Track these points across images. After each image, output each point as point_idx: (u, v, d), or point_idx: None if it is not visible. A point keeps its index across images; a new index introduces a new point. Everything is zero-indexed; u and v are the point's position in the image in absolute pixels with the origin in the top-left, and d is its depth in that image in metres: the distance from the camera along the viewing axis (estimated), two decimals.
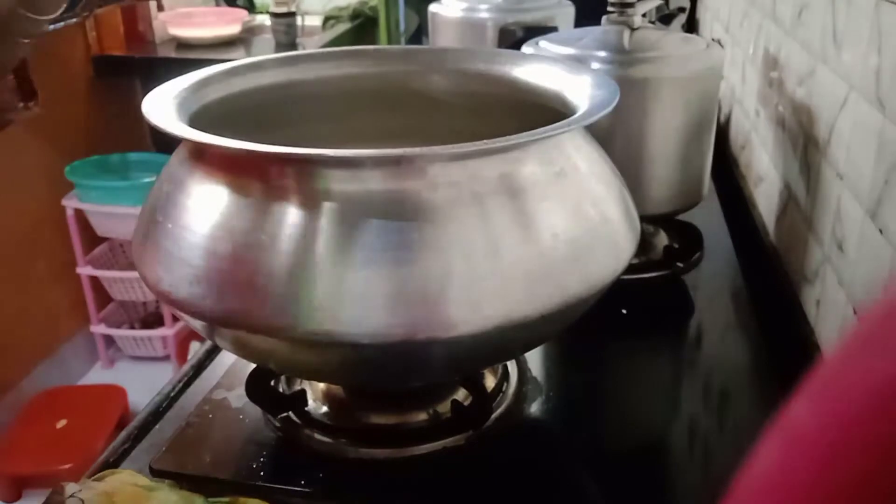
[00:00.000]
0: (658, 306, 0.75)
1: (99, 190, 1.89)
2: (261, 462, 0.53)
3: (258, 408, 0.56)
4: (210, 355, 0.66)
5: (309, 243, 0.42)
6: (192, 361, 0.65)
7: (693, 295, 0.77)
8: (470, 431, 0.54)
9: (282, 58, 0.63)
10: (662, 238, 0.81)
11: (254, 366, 0.56)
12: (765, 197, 0.86)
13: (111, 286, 2.01)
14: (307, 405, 0.56)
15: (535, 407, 0.58)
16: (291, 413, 0.56)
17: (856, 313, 0.55)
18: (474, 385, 0.54)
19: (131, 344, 2.06)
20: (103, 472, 0.50)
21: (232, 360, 0.63)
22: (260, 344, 0.46)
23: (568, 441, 0.57)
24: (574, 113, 0.50)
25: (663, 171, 0.73)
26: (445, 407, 0.55)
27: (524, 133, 0.44)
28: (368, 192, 0.43)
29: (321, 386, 0.58)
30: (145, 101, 0.49)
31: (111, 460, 0.55)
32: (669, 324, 0.74)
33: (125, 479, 0.49)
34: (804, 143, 0.70)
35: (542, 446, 0.55)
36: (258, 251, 0.43)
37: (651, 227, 0.81)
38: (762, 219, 0.86)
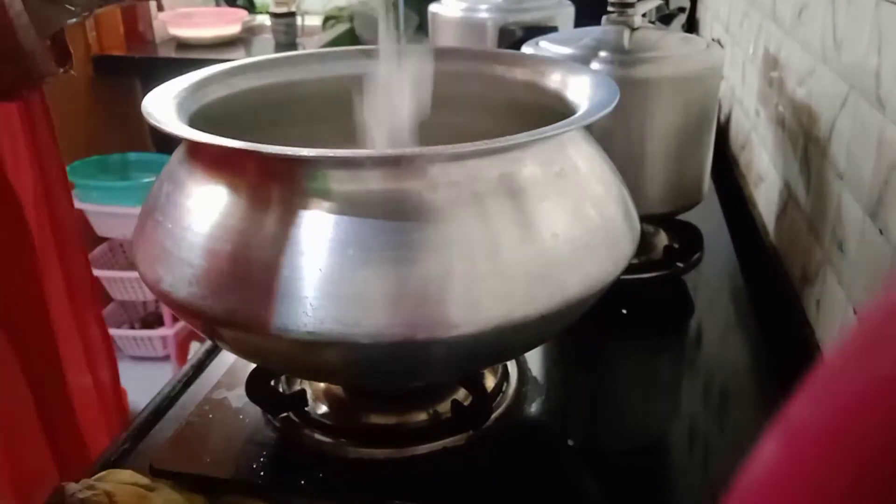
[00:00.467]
0: (658, 306, 0.75)
1: (99, 190, 1.89)
2: (261, 462, 0.53)
3: (258, 408, 0.56)
4: (210, 355, 0.66)
5: (309, 243, 0.42)
6: (192, 361, 0.65)
7: (693, 295, 0.77)
8: (470, 431, 0.54)
9: (282, 58, 0.63)
10: (662, 238, 0.81)
11: (254, 366, 0.56)
12: (765, 197, 0.86)
13: (111, 286, 2.01)
14: (307, 405, 0.56)
15: (535, 407, 0.58)
16: (291, 413, 0.56)
17: (856, 313, 0.55)
18: (474, 385, 0.54)
19: (131, 344, 2.06)
20: (103, 472, 0.50)
21: (232, 360, 0.63)
22: (260, 344, 0.46)
23: (568, 441, 0.57)
24: (574, 113, 0.50)
25: (663, 171, 0.73)
26: (445, 407, 0.55)
27: (524, 133, 0.44)
28: (368, 192, 0.43)
29: (321, 386, 0.58)
30: (145, 101, 0.49)
31: (111, 460, 0.55)
32: (669, 324, 0.74)
33: (125, 479, 0.49)
34: (804, 143, 0.70)
35: (542, 446, 0.55)
36: (258, 251, 0.43)
37: (651, 227, 0.80)
38: (762, 219, 0.86)
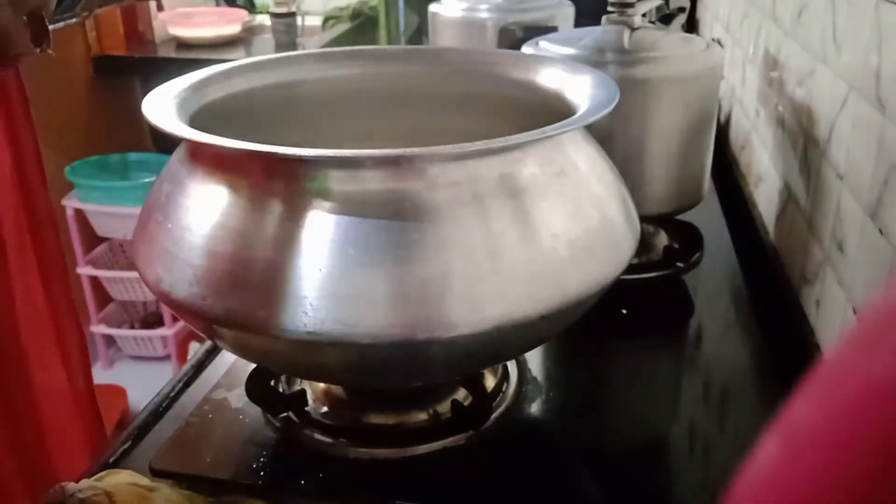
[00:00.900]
0: (658, 306, 0.75)
1: (99, 190, 1.89)
2: (261, 462, 0.53)
3: (258, 408, 0.56)
4: (210, 355, 0.66)
5: (309, 243, 0.42)
6: (192, 361, 0.65)
7: (693, 295, 0.77)
8: (470, 431, 0.54)
9: (282, 58, 0.63)
10: (662, 238, 0.81)
11: (254, 366, 0.56)
12: (765, 197, 0.86)
13: (111, 286, 2.01)
14: (307, 405, 0.56)
15: (535, 407, 0.58)
16: (291, 413, 0.56)
17: (856, 313, 0.55)
18: (474, 385, 0.54)
19: (131, 344, 2.06)
20: (103, 472, 0.50)
21: (232, 360, 0.63)
22: (260, 344, 0.46)
23: (568, 441, 0.57)
24: (574, 113, 0.50)
25: (663, 171, 0.73)
26: (445, 407, 0.55)
27: (524, 133, 0.44)
28: (368, 192, 0.43)
29: (321, 386, 0.58)
30: (145, 101, 0.49)
31: (111, 460, 0.55)
32: (669, 324, 0.74)
33: (125, 479, 0.49)
34: (804, 143, 0.70)
35: (542, 446, 0.55)
36: (258, 251, 0.43)
37: (651, 227, 0.81)
38: (762, 219, 0.86)
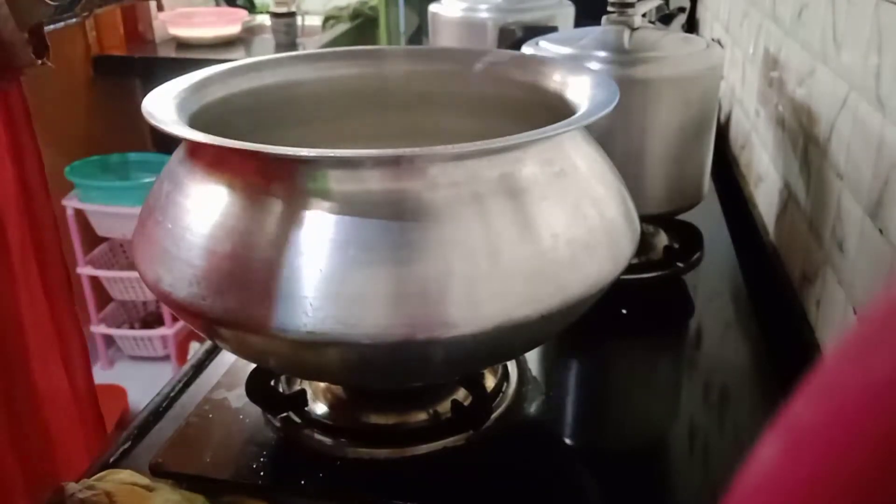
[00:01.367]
0: (658, 306, 0.75)
1: (99, 190, 1.89)
2: (261, 462, 0.53)
3: (258, 408, 0.56)
4: (210, 355, 0.66)
5: (309, 243, 0.42)
6: (192, 361, 0.65)
7: (693, 295, 0.77)
8: (470, 431, 0.54)
9: (282, 58, 0.63)
10: (662, 238, 0.81)
11: (254, 366, 0.56)
12: (765, 197, 0.86)
13: (111, 286, 2.01)
14: (307, 405, 0.56)
15: (535, 407, 0.58)
16: (291, 413, 0.56)
17: (856, 313, 0.55)
18: (474, 385, 0.54)
19: (131, 344, 2.06)
20: (103, 472, 0.50)
21: (232, 360, 0.63)
22: (260, 344, 0.46)
23: (568, 441, 0.57)
24: (574, 113, 0.50)
25: (663, 171, 0.73)
26: (445, 407, 0.55)
27: (524, 133, 0.44)
28: (368, 192, 0.43)
29: (321, 386, 0.58)
30: (145, 102, 0.49)
31: (111, 460, 0.55)
32: (669, 324, 0.74)
33: (125, 479, 0.49)
34: (804, 143, 0.70)
35: (542, 446, 0.55)
36: (258, 251, 0.43)
37: (651, 227, 0.81)
38: (762, 219, 0.86)
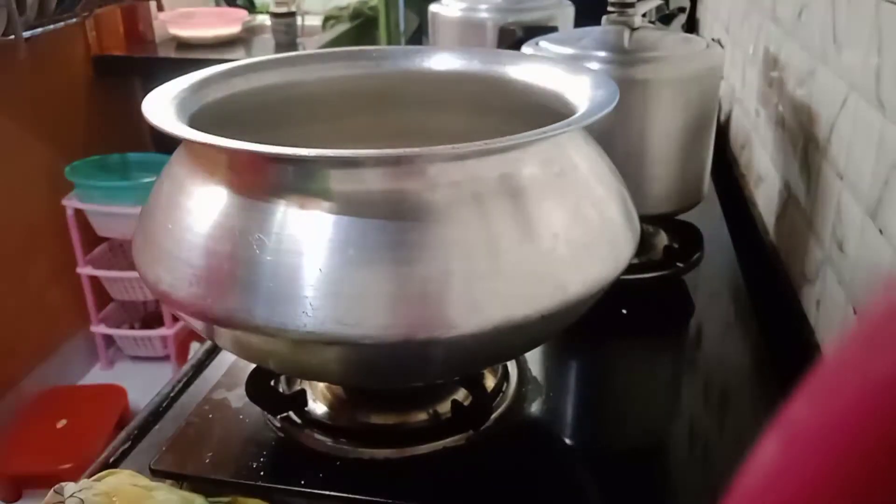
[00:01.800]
0: (658, 306, 0.75)
1: (99, 190, 1.89)
2: (261, 462, 0.53)
3: (258, 408, 0.56)
4: (210, 355, 0.66)
5: (309, 243, 0.42)
6: (192, 361, 0.65)
7: (693, 295, 0.77)
8: (470, 431, 0.54)
9: (281, 58, 0.63)
10: (662, 238, 0.81)
11: (254, 366, 0.56)
12: (765, 197, 0.86)
13: (111, 286, 2.01)
14: (307, 405, 0.56)
15: (535, 407, 0.58)
16: (291, 413, 0.56)
17: (856, 313, 0.55)
18: (474, 385, 0.54)
19: (131, 344, 2.06)
20: (103, 472, 0.50)
21: (232, 360, 0.63)
22: (260, 344, 0.46)
23: (568, 441, 0.57)
24: (574, 113, 0.50)
25: (663, 171, 0.73)
26: (445, 407, 0.55)
27: (524, 133, 0.44)
28: (368, 192, 0.43)
29: (321, 386, 0.58)
30: (145, 102, 0.49)
31: (111, 460, 0.55)
32: (669, 324, 0.74)
33: (125, 479, 0.49)
34: (804, 143, 0.70)
35: (542, 446, 0.55)
36: (258, 251, 0.43)
37: (651, 227, 0.80)
38: (762, 219, 0.86)
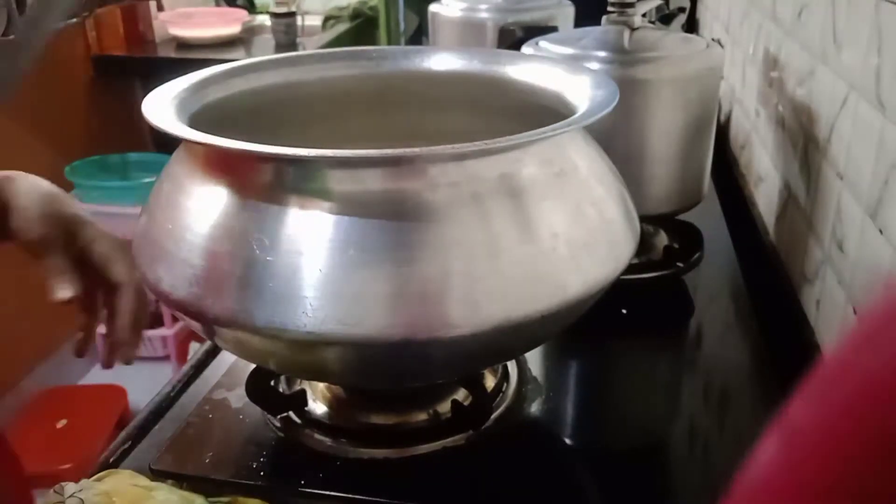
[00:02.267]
0: (658, 306, 0.75)
1: (99, 190, 1.89)
2: (261, 462, 0.53)
3: (258, 408, 0.56)
4: (210, 355, 0.66)
5: (309, 243, 0.42)
6: (192, 361, 0.65)
7: (693, 295, 0.77)
8: (470, 431, 0.54)
9: (281, 58, 0.63)
10: (662, 238, 0.81)
11: (254, 366, 0.56)
12: (765, 197, 0.86)
13: None
14: (307, 405, 0.56)
15: (535, 407, 0.58)
16: (291, 413, 0.56)
17: (856, 313, 0.55)
18: (474, 385, 0.54)
19: None
20: (103, 472, 0.50)
21: (232, 360, 0.63)
22: (260, 344, 0.46)
23: (568, 441, 0.57)
24: (574, 113, 0.50)
25: (663, 171, 0.73)
26: (445, 407, 0.55)
27: (524, 133, 0.44)
28: (368, 192, 0.43)
29: (321, 386, 0.58)
30: (145, 102, 0.49)
31: (111, 460, 0.55)
32: (669, 324, 0.74)
33: (125, 479, 0.49)
34: (804, 143, 0.70)
35: (542, 446, 0.55)
36: (258, 252, 0.43)
37: (651, 227, 0.80)
38: (762, 219, 0.86)
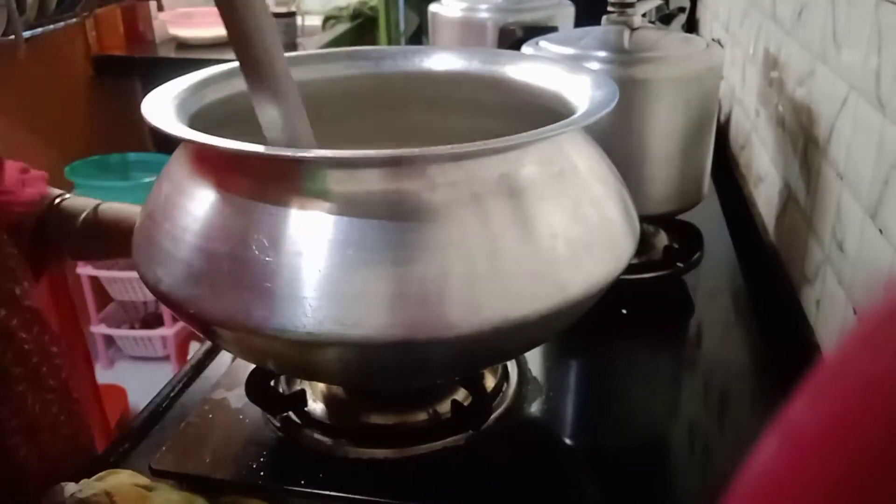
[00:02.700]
0: (658, 306, 0.75)
1: (99, 190, 1.88)
2: (261, 462, 0.53)
3: (258, 408, 0.56)
4: (210, 355, 0.66)
5: (308, 244, 0.42)
6: (192, 361, 0.65)
7: (693, 295, 0.77)
8: (470, 431, 0.54)
9: None
10: (662, 238, 0.81)
11: (254, 366, 0.56)
12: (765, 197, 0.86)
13: (111, 286, 2.01)
14: (307, 405, 0.56)
15: (535, 407, 0.58)
16: (291, 413, 0.56)
17: (856, 313, 0.55)
18: (474, 385, 0.54)
19: (131, 344, 2.06)
20: (103, 472, 0.50)
21: (232, 361, 0.63)
22: (259, 344, 0.46)
23: (568, 441, 0.57)
24: (574, 113, 0.50)
25: (663, 171, 0.73)
26: (445, 407, 0.55)
27: (524, 133, 0.44)
28: (368, 193, 0.43)
29: (321, 386, 0.58)
30: (145, 102, 0.49)
31: (111, 460, 0.55)
32: (669, 324, 0.74)
33: (125, 479, 0.49)
34: (804, 143, 0.70)
35: (542, 446, 0.55)
36: (257, 252, 0.43)
37: (651, 227, 0.80)
38: (762, 219, 0.86)
